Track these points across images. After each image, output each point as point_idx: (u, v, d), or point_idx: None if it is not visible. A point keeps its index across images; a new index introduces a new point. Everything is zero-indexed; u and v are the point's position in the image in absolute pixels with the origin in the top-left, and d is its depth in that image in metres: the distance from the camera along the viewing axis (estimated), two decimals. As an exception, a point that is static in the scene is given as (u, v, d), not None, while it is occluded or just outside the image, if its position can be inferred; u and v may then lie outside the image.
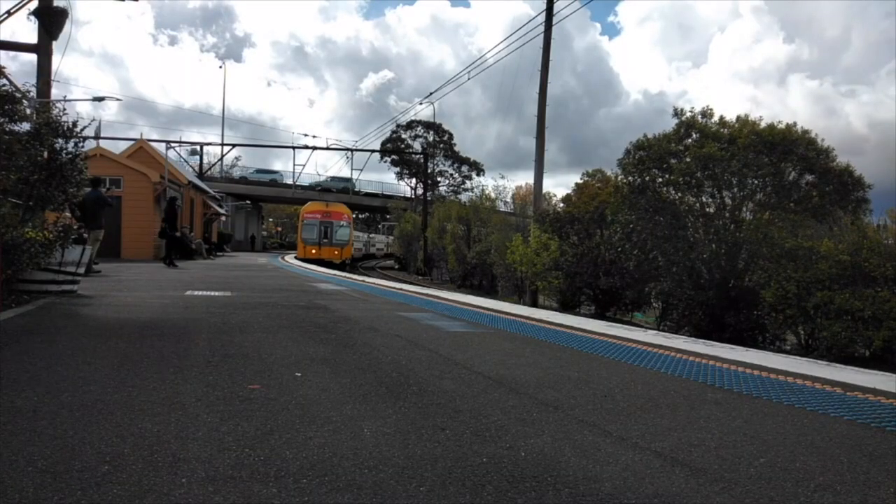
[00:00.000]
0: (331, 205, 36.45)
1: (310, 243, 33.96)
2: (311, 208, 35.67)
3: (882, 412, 3.02)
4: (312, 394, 3.11)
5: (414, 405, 2.95)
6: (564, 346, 4.95)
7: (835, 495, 1.98)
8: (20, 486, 1.85)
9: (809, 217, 14.54)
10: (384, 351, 4.45)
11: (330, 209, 35.38)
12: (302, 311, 6.95)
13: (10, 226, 6.82)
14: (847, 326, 11.04)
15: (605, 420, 2.79)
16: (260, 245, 55.41)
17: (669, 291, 15.74)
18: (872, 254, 11.69)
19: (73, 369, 3.51)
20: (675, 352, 4.69)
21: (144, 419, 2.58)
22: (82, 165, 8.11)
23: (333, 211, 35.33)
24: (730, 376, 3.82)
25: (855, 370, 4.15)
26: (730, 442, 2.50)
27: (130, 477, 1.95)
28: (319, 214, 34.84)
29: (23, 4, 10.10)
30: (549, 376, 3.72)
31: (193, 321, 5.76)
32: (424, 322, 6.22)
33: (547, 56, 21.46)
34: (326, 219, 34.67)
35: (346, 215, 35.92)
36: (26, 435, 2.33)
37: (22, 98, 7.33)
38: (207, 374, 3.49)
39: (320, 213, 35.03)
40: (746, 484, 2.05)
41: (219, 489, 1.88)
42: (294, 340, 4.78)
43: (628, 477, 2.08)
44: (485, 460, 2.20)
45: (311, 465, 2.11)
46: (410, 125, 55.71)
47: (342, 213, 35.82)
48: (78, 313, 6.22)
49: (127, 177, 22.30)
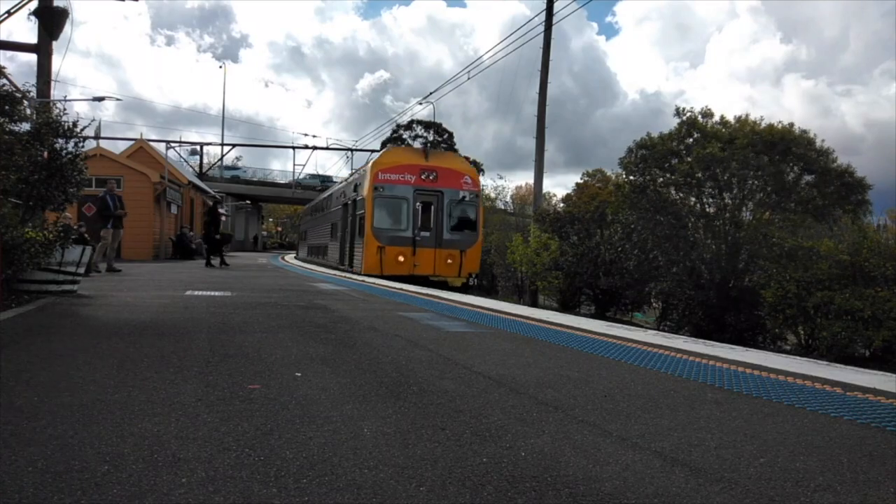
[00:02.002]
0: (434, 154, 17.77)
1: (390, 240, 15.91)
2: (391, 160, 16.79)
3: (882, 412, 3.02)
4: (312, 394, 3.11)
5: (414, 405, 2.95)
6: (564, 346, 4.95)
7: (835, 495, 1.98)
8: (20, 486, 1.85)
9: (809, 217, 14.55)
10: (384, 351, 4.45)
11: (435, 163, 16.83)
12: (302, 310, 6.95)
13: (10, 226, 6.82)
14: (847, 326, 11.03)
15: (605, 420, 2.79)
16: (260, 245, 55.41)
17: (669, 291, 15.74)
18: (872, 254, 11.69)
19: (73, 369, 3.51)
20: (675, 352, 4.69)
21: (144, 419, 2.58)
22: (82, 165, 8.11)
23: (442, 168, 16.77)
24: (730, 376, 3.82)
25: (855, 370, 4.15)
26: (730, 442, 2.50)
27: (130, 477, 1.95)
28: (414, 174, 16.44)
29: (23, 4, 10.10)
30: (550, 376, 3.72)
31: (193, 321, 5.76)
32: (424, 322, 6.22)
33: (547, 56, 21.47)
34: (429, 183, 16.43)
35: (469, 175, 17.36)
36: (26, 435, 2.33)
37: (22, 98, 7.34)
38: (207, 374, 3.49)
39: (415, 170, 16.46)
40: (746, 484, 2.04)
41: (219, 489, 1.88)
42: (294, 340, 4.78)
43: (628, 477, 2.08)
44: (485, 460, 2.20)
45: (311, 465, 2.11)
46: (410, 125, 55.69)
47: (460, 170, 17.26)
48: (78, 313, 6.22)
49: (127, 177, 22.30)
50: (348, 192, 18.97)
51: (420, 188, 16.24)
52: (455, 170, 16.96)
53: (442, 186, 16.41)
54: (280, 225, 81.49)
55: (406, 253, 15.89)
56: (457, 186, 16.59)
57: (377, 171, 16.15)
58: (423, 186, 16.26)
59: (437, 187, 16.37)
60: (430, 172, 16.45)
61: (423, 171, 16.39)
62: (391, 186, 16.04)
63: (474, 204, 16.93)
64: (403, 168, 16.30)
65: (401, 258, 15.78)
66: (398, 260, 15.76)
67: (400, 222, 16.14)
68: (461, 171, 17.09)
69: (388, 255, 15.71)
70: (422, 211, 16.20)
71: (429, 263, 16.03)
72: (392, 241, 15.83)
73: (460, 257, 16.31)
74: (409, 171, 16.25)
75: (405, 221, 16.12)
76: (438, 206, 16.37)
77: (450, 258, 16.23)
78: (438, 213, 16.36)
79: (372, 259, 15.75)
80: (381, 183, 15.97)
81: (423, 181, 16.29)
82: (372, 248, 15.78)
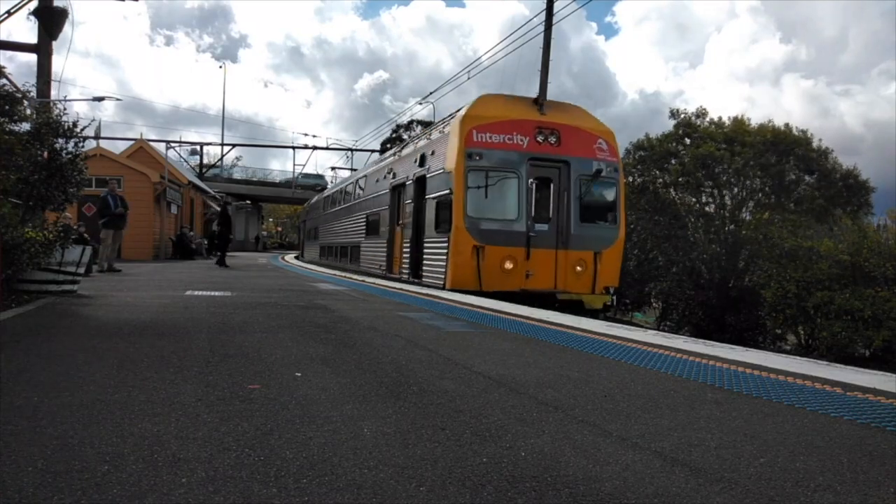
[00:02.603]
0: (553, 107, 11.66)
1: (490, 236, 10.54)
2: (491, 113, 11.02)
3: (882, 412, 3.02)
4: (312, 394, 3.11)
5: (414, 405, 2.95)
6: (564, 346, 4.95)
7: (835, 495, 1.98)
8: (20, 486, 1.85)
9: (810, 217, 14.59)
10: (384, 351, 4.45)
11: (555, 119, 11.35)
12: (302, 311, 6.95)
13: (10, 226, 6.83)
14: (847, 326, 11.04)
15: (605, 420, 2.79)
16: (261, 245, 55.43)
17: (669, 291, 15.76)
18: (872, 254, 11.70)
19: (73, 369, 3.51)
20: (675, 352, 4.69)
21: (144, 419, 2.58)
22: (82, 165, 8.12)
23: (566, 126, 11.32)
24: (730, 376, 3.82)
25: (855, 370, 4.15)
26: (730, 442, 2.50)
27: (130, 477, 1.95)
28: (527, 134, 10.95)
29: (23, 4, 10.11)
30: (549, 376, 3.72)
31: (193, 321, 5.76)
32: (424, 322, 6.22)
33: (547, 55, 21.39)
34: (549, 148, 11.05)
35: (604, 138, 11.57)
36: (26, 435, 2.33)
37: (22, 98, 7.34)
38: (207, 374, 3.49)
39: (528, 128, 11.01)
40: (746, 484, 2.04)
41: (219, 489, 1.88)
42: (294, 340, 4.78)
43: (628, 477, 2.08)
44: (485, 460, 2.20)
45: (311, 465, 2.11)
46: (410, 125, 55.72)
47: (591, 130, 11.56)
48: (78, 313, 6.22)
49: (127, 177, 22.29)
50: (403, 169, 13.69)
51: (536, 156, 10.77)
52: (584, 129, 11.30)
53: (567, 154, 11.00)
54: (280, 225, 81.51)
55: (517, 256, 10.48)
56: (588, 154, 11.17)
57: (471, 128, 10.58)
58: (540, 153, 10.81)
59: (561, 155, 10.94)
60: (549, 132, 10.92)
61: (540, 131, 10.88)
62: (493, 152, 10.59)
63: (614, 182, 11.34)
64: (511, 125, 10.77)
65: (508, 264, 10.36)
66: (504, 267, 10.34)
67: (506, 208, 10.66)
68: (593, 132, 11.37)
69: (489, 260, 10.28)
70: (536, 191, 10.66)
71: (547, 272, 10.64)
72: (494, 238, 10.39)
73: (594, 263, 10.89)
74: (519, 130, 10.77)
75: (515, 207, 10.61)
76: (562, 184, 10.92)
77: (579, 264, 10.86)
78: (562, 194, 10.92)
79: (464, 266, 10.31)
80: (478, 147, 10.54)
81: (539, 145, 10.85)
82: (463, 250, 10.31)
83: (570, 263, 10.84)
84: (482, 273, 10.33)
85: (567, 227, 10.95)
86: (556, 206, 10.93)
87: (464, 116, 10.89)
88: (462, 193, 10.49)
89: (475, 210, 10.53)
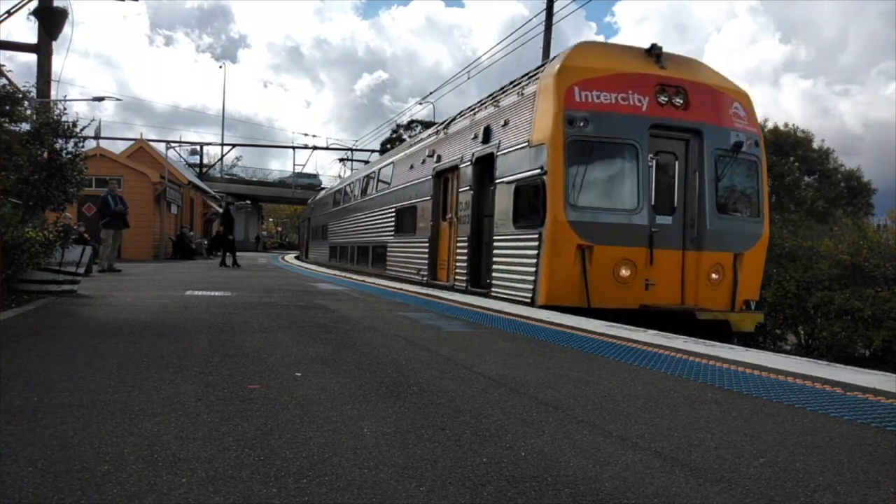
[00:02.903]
0: (674, 60, 8.48)
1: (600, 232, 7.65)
2: (598, 65, 8.00)
3: (882, 412, 3.02)
4: (312, 394, 3.11)
5: (414, 405, 2.95)
6: (564, 346, 4.95)
7: (835, 495, 1.98)
8: (20, 486, 1.85)
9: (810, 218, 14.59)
10: (384, 351, 4.45)
11: (679, 74, 8.28)
12: (302, 310, 6.95)
13: (10, 226, 6.83)
14: (847, 326, 11.05)
15: (605, 420, 2.79)
16: (261, 245, 55.44)
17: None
18: (872, 254, 11.71)
19: (73, 369, 3.51)
20: (675, 352, 4.69)
21: (144, 419, 2.58)
22: (82, 165, 8.12)
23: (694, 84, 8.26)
24: (730, 376, 3.82)
25: (855, 370, 4.15)
26: (730, 442, 2.50)
27: (130, 477, 1.95)
28: (646, 93, 7.92)
29: (23, 4, 10.11)
30: (550, 376, 3.72)
31: (193, 321, 5.76)
32: (425, 322, 6.22)
33: (547, 55, 21.47)
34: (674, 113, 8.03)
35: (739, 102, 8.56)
36: (26, 435, 2.33)
37: (23, 98, 7.34)
38: (207, 373, 3.49)
39: (647, 86, 7.96)
40: (746, 484, 2.04)
41: (219, 489, 1.88)
42: (294, 340, 4.78)
43: (628, 477, 2.08)
44: (485, 460, 2.20)
45: (311, 465, 2.11)
46: (410, 125, 55.72)
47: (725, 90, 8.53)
48: (78, 313, 6.23)
49: (127, 177, 22.29)
50: (451, 150, 11.20)
51: (660, 122, 8.05)
52: (716, 89, 8.54)
53: (699, 120, 8.19)
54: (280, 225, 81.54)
55: (636, 260, 7.78)
56: (724, 122, 8.38)
57: (572, 84, 7.87)
58: (664, 119, 8.07)
59: (691, 121, 8.17)
60: (674, 91, 8.16)
61: (663, 89, 8.12)
62: (604, 117, 7.86)
63: (756, 160, 8.64)
64: (624, 80, 8.02)
65: (624, 271, 7.74)
66: (619, 275, 7.72)
67: (622, 194, 8.03)
68: (727, 92, 8.61)
69: (599, 265, 7.67)
70: (657, 170, 8.00)
71: (672, 282, 8.00)
72: (606, 236, 7.74)
73: (733, 268, 8.22)
74: (635, 87, 8.00)
75: (633, 192, 7.92)
76: (691, 161, 8.23)
77: (715, 270, 8.14)
78: (692, 175, 8.21)
79: (565, 273, 7.66)
80: (583, 109, 7.79)
81: (661, 108, 8.08)
82: (564, 250, 7.66)
83: (703, 269, 8.01)
84: (590, 283, 7.54)
85: (700, 219, 8.07)
86: (684, 192, 8.15)
87: (560, 68, 8.00)
88: (561, 173, 7.66)
89: (580, 197, 7.78)
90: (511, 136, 8.90)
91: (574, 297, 7.64)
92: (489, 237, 9.34)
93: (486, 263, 9.39)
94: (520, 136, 8.62)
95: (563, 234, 7.64)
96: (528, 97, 8.63)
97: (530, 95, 8.58)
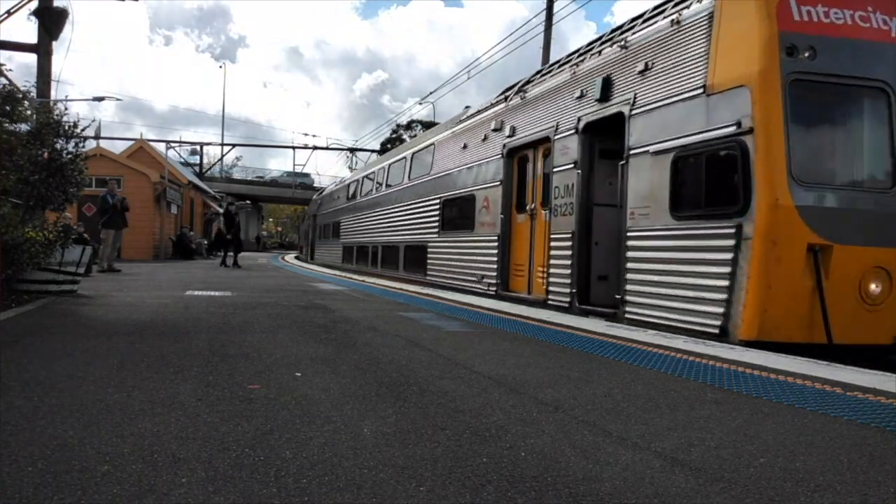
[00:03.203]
0: None
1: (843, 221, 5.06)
2: None
3: (882, 412, 3.02)
4: (312, 394, 3.11)
5: (414, 405, 2.95)
6: (564, 346, 4.95)
7: (835, 495, 1.98)
8: (20, 486, 1.85)
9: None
10: (384, 351, 4.45)
11: None
12: (302, 310, 6.95)
13: (10, 226, 6.83)
14: (847, 326, 10.99)
15: (605, 420, 2.79)
16: (261, 245, 55.45)
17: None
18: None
19: (72, 369, 3.51)
20: (675, 352, 4.69)
21: (144, 419, 2.58)
22: (82, 166, 8.12)
23: None
24: (730, 376, 3.82)
25: (855, 370, 4.14)
26: (730, 442, 2.50)
27: (130, 477, 1.95)
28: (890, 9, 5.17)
29: (23, 4, 10.12)
30: (550, 376, 3.72)
31: (193, 321, 5.76)
32: (425, 322, 6.22)
33: (547, 55, 21.46)
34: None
35: None
36: (26, 435, 2.33)
37: (23, 98, 7.34)
38: (207, 373, 3.49)
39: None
40: (746, 484, 2.05)
41: (219, 489, 1.88)
42: (294, 340, 4.79)
43: (628, 477, 2.08)
44: (485, 460, 2.20)
45: (311, 465, 2.11)
46: (410, 125, 55.71)
47: None
48: (78, 313, 6.23)
49: (127, 177, 22.29)
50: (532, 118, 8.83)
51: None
52: None
53: None
54: (280, 225, 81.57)
55: (892, 266, 5.25)
56: None
57: None
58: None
59: None
60: None
61: None
62: (836, 45, 5.36)
63: None
64: None
65: (874, 286, 5.21)
66: (869, 291, 5.21)
67: (865, 163, 5.72)
68: None
69: (840, 275, 5.13)
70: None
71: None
72: (849, 230, 5.24)
73: None
74: (876, 2, 5.47)
75: (881, 160, 5.58)
76: None
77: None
78: None
79: (788, 289, 5.13)
80: (806, 32, 5.29)
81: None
82: (785, 254, 5.13)
83: None
84: (829, 306, 5.08)
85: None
86: None
87: None
88: (780, 129, 5.19)
89: (806, 168, 5.33)
90: (660, 85, 6.33)
91: (799, 329, 5.19)
92: (623, 235, 6.68)
93: (621, 274, 6.73)
94: (680, 82, 6.04)
95: (785, 227, 5.14)
96: (695, 23, 5.97)
97: (700, 18, 5.90)
